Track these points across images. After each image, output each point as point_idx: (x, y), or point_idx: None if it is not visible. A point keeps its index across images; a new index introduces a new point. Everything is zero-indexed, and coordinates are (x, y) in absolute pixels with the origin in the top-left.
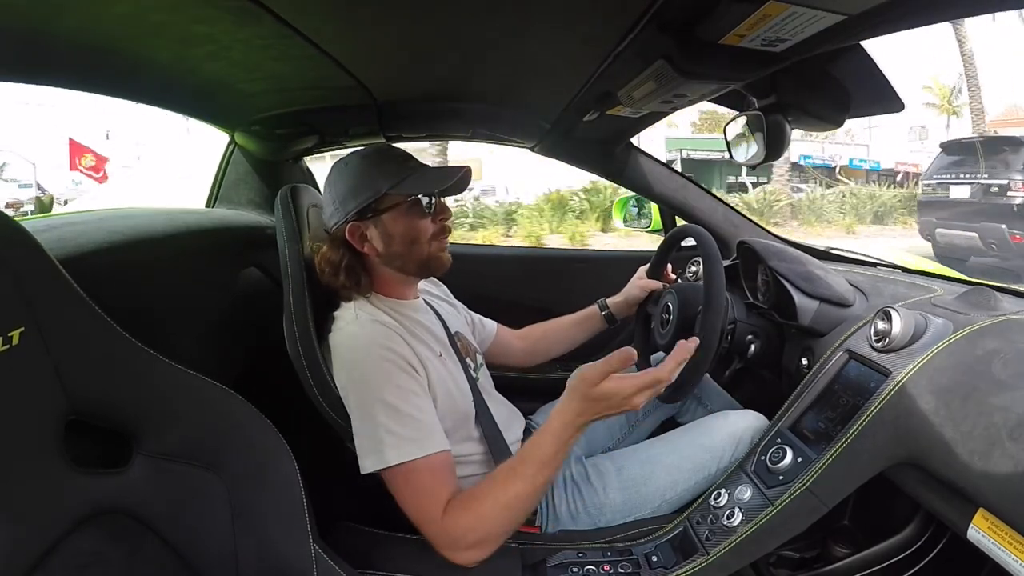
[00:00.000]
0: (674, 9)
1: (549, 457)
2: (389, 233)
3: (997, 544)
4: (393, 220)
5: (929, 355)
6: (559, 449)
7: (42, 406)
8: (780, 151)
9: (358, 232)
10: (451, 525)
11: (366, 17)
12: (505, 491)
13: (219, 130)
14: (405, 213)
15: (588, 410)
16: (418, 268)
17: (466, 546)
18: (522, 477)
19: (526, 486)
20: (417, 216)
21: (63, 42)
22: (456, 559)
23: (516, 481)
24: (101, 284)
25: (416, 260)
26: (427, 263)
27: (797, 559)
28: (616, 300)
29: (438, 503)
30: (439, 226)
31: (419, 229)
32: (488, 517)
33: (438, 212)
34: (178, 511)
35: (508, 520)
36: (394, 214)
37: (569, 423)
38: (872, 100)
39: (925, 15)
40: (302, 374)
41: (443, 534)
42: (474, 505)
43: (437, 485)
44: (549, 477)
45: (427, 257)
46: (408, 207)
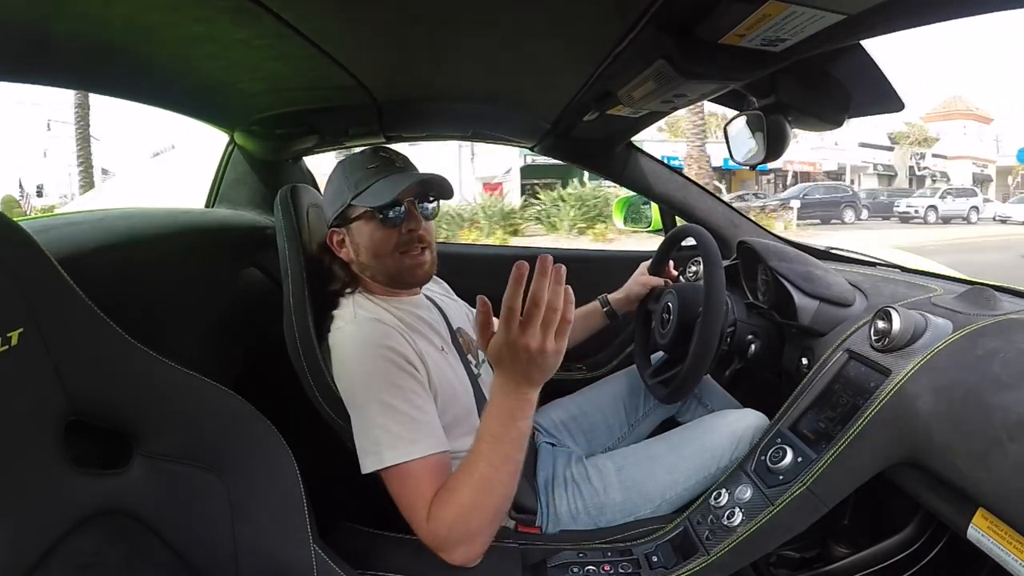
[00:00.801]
0: (674, 9)
1: (498, 431)
2: (356, 243)
3: (997, 544)
4: (358, 230)
5: (929, 355)
6: (504, 421)
7: (42, 407)
8: (780, 151)
9: (336, 237)
10: (435, 524)
11: (366, 17)
12: (471, 476)
13: (219, 130)
14: (367, 223)
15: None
16: (388, 280)
17: (455, 543)
18: (481, 457)
19: (487, 466)
20: (377, 227)
21: (63, 42)
22: (452, 559)
23: (477, 463)
24: (101, 284)
25: (384, 272)
26: (396, 276)
27: (797, 559)
28: (617, 296)
29: (428, 504)
30: (406, 237)
31: (379, 241)
32: (464, 507)
33: (406, 222)
34: (178, 511)
35: (483, 507)
36: (359, 224)
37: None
38: (872, 100)
39: (925, 15)
40: (302, 374)
41: (432, 536)
42: (448, 499)
43: (431, 487)
44: (507, 454)
45: (395, 270)
46: (369, 217)
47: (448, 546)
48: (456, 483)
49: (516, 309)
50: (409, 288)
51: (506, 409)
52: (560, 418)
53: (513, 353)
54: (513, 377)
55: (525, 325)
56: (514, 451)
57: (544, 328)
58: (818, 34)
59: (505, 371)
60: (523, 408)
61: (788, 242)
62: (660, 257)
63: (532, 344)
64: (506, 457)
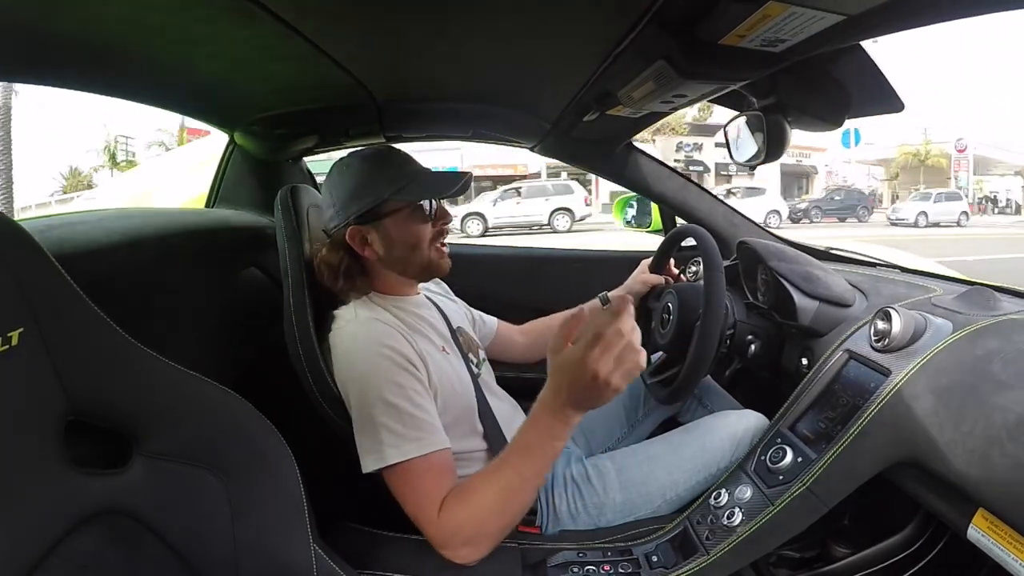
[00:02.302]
0: (674, 9)
1: (534, 444)
2: (391, 238)
3: (997, 544)
4: (395, 225)
5: (929, 355)
6: (542, 435)
7: (42, 406)
8: (780, 151)
9: (359, 235)
10: (447, 520)
11: (366, 17)
12: (496, 481)
13: (219, 130)
14: (406, 218)
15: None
16: (419, 272)
17: (462, 542)
18: (510, 465)
19: (515, 475)
20: (419, 221)
21: (63, 42)
22: (454, 557)
23: (505, 470)
24: (101, 284)
25: (417, 264)
26: (428, 267)
27: (797, 559)
28: (618, 294)
29: (435, 501)
30: (439, 230)
31: (420, 234)
32: (482, 509)
33: (438, 217)
34: (178, 511)
35: (502, 513)
36: (396, 219)
37: (547, 405)
38: (872, 100)
39: (925, 15)
40: (302, 374)
41: (439, 532)
42: (468, 498)
43: (436, 484)
44: (537, 468)
45: (427, 262)
46: (410, 212)
47: (455, 544)
48: (478, 485)
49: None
50: (431, 279)
51: (546, 426)
52: None
53: (580, 371)
54: (566, 395)
55: (604, 351)
56: (544, 467)
57: (618, 363)
58: (818, 35)
59: (560, 387)
60: (562, 429)
61: (788, 242)
62: (661, 255)
63: (602, 370)
64: (535, 472)
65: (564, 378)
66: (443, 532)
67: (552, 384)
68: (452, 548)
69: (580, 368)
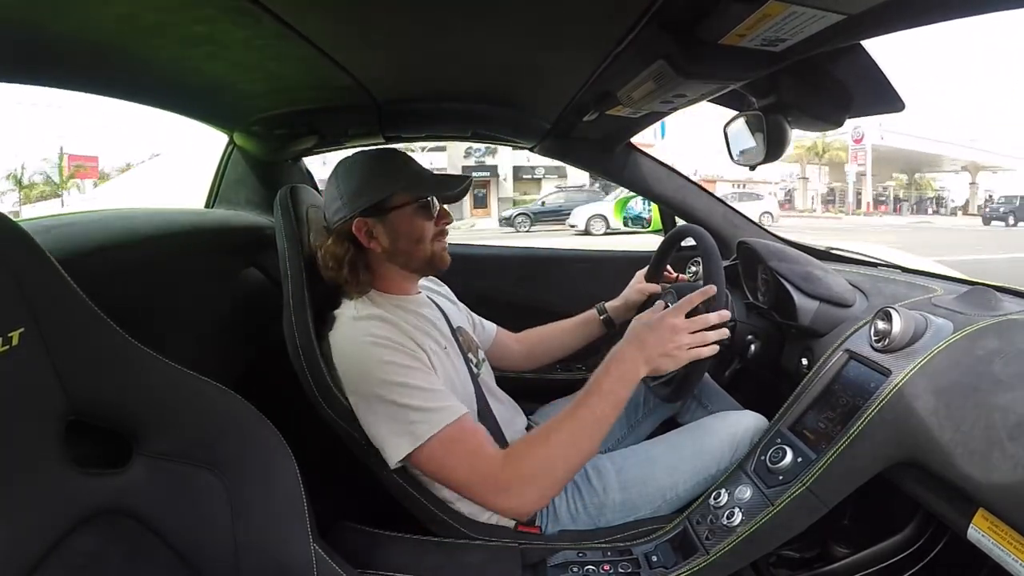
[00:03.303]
0: (674, 9)
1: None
2: (396, 231)
3: (997, 544)
4: (400, 219)
5: (929, 355)
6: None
7: (42, 407)
8: (780, 151)
9: (364, 228)
10: (516, 464)
11: (366, 17)
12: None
13: (218, 130)
14: (412, 213)
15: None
16: (421, 265)
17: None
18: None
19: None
20: (423, 217)
21: (63, 42)
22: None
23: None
24: (101, 284)
25: (419, 257)
26: (430, 260)
27: (797, 559)
28: (615, 304)
29: (490, 456)
30: (440, 228)
31: (424, 229)
32: (557, 447)
33: (441, 216)
34: (178, 511)
35: (570, 456)
36: (401, 213)
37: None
38: (873, 99)
39: (925, 15)
40: (302, 375)
41: (505, 477)
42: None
43: (481, 441)
44: (608, 412)
45: (430, 255)
46: (415, 208)
47: (522, 490)
48: (552, 428)
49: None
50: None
51: (620, 373)
52: None
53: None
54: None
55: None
56: (612, 412)
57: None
58: (818, 34)
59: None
60: (632, 379)
61: (788, 242)
62: (657, 262)
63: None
64: (605, 415)
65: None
66: (511, 476)
67: (636, 336)
68: (518, 494)
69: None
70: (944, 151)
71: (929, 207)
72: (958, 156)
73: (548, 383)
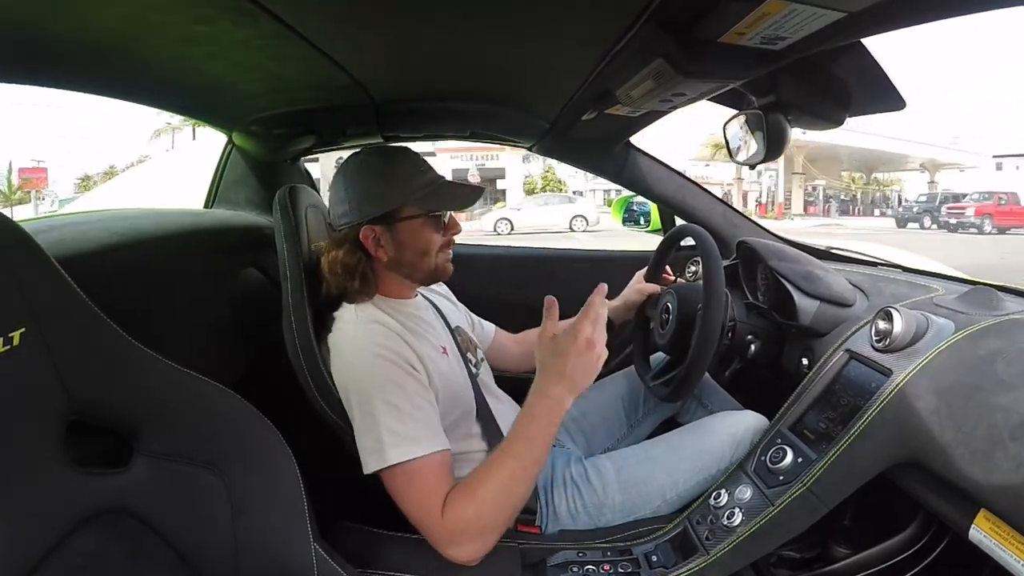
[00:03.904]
0: (673, 7)
1: (534, 433)
2: (402, 242)
3: (999, 544)
4: (408, 230)
5: (931, 355)
6: (542, 423)
7: (43, 407)
8: (780, 150)
9: (372, 235)
10: (453, 518)
11: (365, 17)
12: (500, 472)
13: (217, 130)
14: (421, 225)
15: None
16: (424, 277)
17: (469, 538)
18: (513, 456)
19: (517, 465)
20: (432, 229)
21: (63, 42)
22: (458, 555)
23: (508, 461)
24: (101, 284)
25: (424, 269)
26: (434, 273)
27: (797, 559)
28: (615, 304)
29: (438, 501)
30: (447, 239)
31: (431, 242)
32: (487, 502)
33: (450, 226)
34: (179, 511)
35: (506, 505)
36: (410, 224)
37: (544, 392)
38: (873, 98)
39: (925, 13)
40: (301, 375)
41: (445, 530)
42: (473, 492)
43: (437, 484)
44: (538, 456)
45: (434, 268)
46: (425, 220)
47: (461, 541)
48: (480, 480)
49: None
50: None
51: (544, 412)
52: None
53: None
54: (562, 379)
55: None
56: (543, 454)
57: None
58: (818, 32)
59: (557, 371)
60: (558, 412)
61: (788, 242)
62: (656, 262)
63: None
64: (535, 460)
65: (564, 359)
66: (449, 530)
67: (548, 374)
68: (458, 545)
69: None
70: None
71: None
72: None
73: None
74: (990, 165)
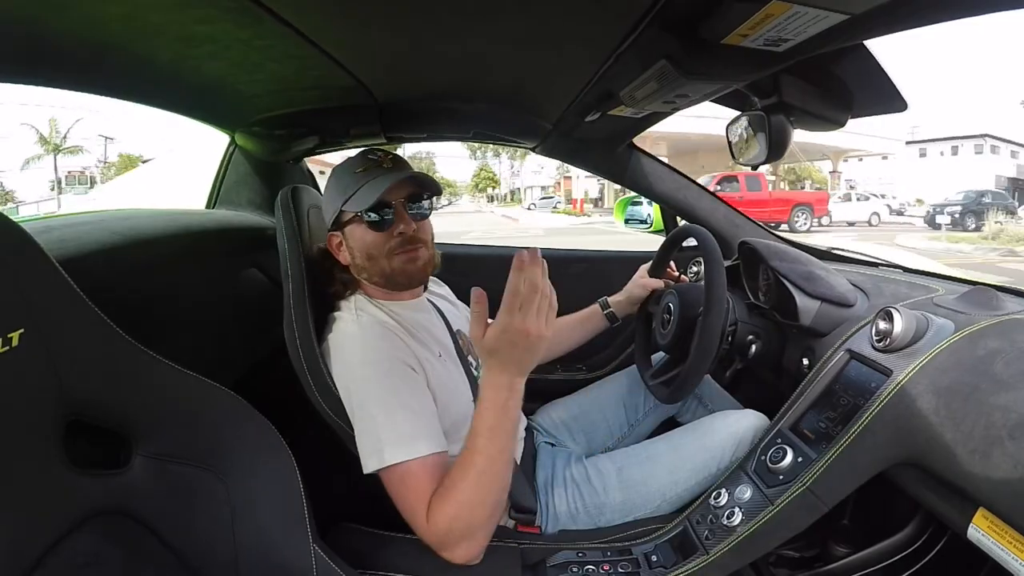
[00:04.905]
0: (676, 9)
1: (492, 424)
2: (350, 247)
3: (997, 543)
4: (351, 234)
5: (930, 355)
6: (498, 414)
7: (42, 407)
8: (782, 151)
9: (335, 241)
10: (436, 521)
11: (367, 17)
12: (469, 470)
13: (219, 131)
14: (358, 227)
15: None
16: (385, 281)
17: (457, 539)
18: (476, 452)
19: (483, 459)
20: (370, 230)
21: (63, 42)
22: (454, 556)
23: (473, 457)
24: (101, 284)
25: (379, 273)
26: (391, 277)
27: (797, 559)
28: (618, 299)
29: (422, 512)
30: (400, 238)
31: (372, 244)
32: (464, 502)
33: (395, 223)
34: (178, 511)
35: (483, 500)
36: (352, 228)
37: (494, 384)
38: (875, 100)
39: (928, 15)
40: (302, 375)
41: (433, 535)
42: (449, 495)
43: (431, 486)
44: (502, 446)
45: (390, 271)
46: (359, 221)
47: (450, 543)
48: (454, 480)
49: (519, 295)
50: (407, 288)
51: (499, 402)
52: (560, 418)
53: (512, 339)
54: (507, 367)
55: (526, 310)
56: (508, 442)
57: (539, 314)
58: (821, 34)
59: (500, 360)
60: (515, 398)
61: (789, 242)
62: (660, 259)
63: (532, 329)
64: (502, 449)
65: (502, 352)
66: (436, 534)
67: (492, 364)
68: (450, 548)
69: (511, 335)
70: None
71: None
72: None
73: (548, 383)
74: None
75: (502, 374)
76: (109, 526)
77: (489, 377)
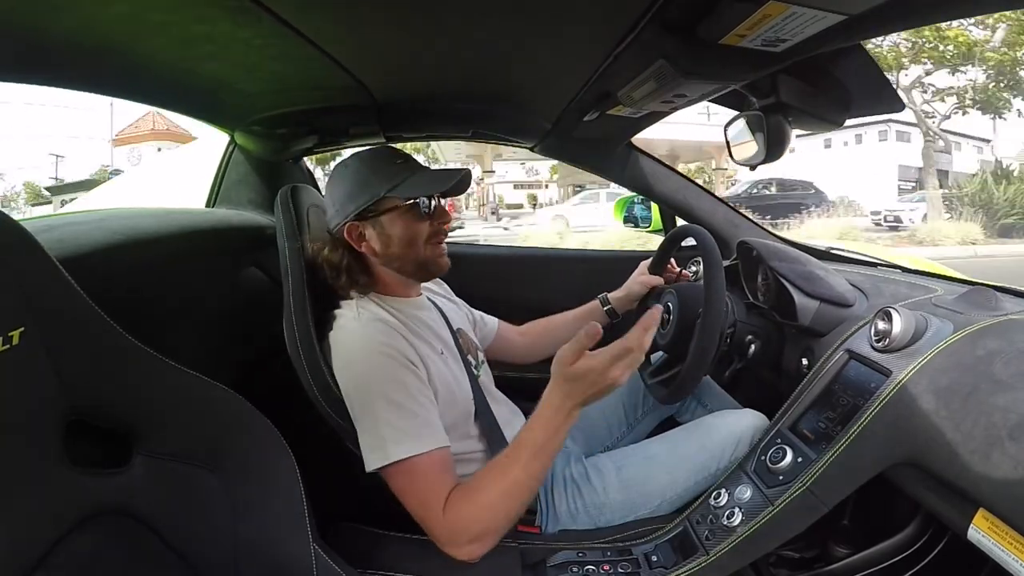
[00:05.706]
0: (674, 9)
1: (542, 443)
2: (387, 234)
3: (997, 544)
4: (391, 222)
5: (929, 355)
6: (550, 435)
7: (43, 406)
8: (780, 152)
9: (356, 231)
10: (453, 518)
11: (367, 17)
12: (504, 479)
13: (219, 130)
14: (402, 215)
15: (572, 392)
16: (416, 270)
17: (469, 539)
18: (518, 463)
19: (522, 473)
20: (414, 219)
21: (63, 42)
22: (458, 554)
23: (513, 468)
24: (101, 284)
25: (413, 261)
26: (424, 265)
27: (797, 559)
28: (618, 295)
29: (440, 498)
30: (436, 228)
31: (416, 231)
32: (489, 506)
33: (437, 215)
34: (178, 511)
35: (508, 509)
36: (392, 216)
37: (557, 407)
38: (873, 100)
39: (925, 15)
40: (302, 374)
41: (446, 529)
42: (475, 496)
43: (439, 480)
44: (544, 464)
45: (424, 259)
46: (406, 209)
47: (461, 541)
48: (484, 482)
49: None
50: (429, 279)
51: (555, 424)
52: None
53: (596, 379)
54: (575, 397)
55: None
56: (549, 463)
57: (628, 368)
58: (819, 35)
59: (574, 388)
60: (567, 425)
61: (789, 242)
62: (660, 256)
63: (617, 379)
64: (542, 467)
65: (580, 384)
66: (450, 529)
67: (563, 389)
68: (458, 545)
69: (601, 377)
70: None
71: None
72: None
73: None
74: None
75: (568, 399)
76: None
77: (554, 399)
